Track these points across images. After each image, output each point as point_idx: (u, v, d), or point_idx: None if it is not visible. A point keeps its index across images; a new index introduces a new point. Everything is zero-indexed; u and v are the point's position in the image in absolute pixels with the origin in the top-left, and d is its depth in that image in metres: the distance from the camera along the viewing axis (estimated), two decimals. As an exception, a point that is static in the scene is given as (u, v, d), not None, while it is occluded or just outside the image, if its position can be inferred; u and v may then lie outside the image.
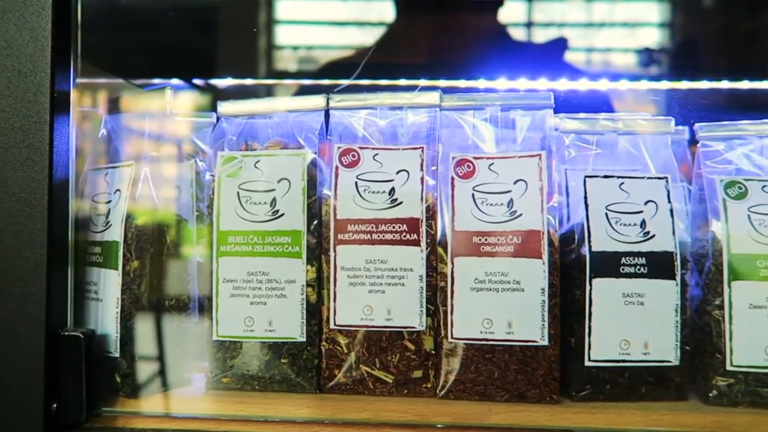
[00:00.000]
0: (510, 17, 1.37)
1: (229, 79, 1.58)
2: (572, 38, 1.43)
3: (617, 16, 1.41)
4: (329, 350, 0.96)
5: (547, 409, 0.92)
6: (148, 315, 0.95)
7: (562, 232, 1.00)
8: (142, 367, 0.95)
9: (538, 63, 1.28)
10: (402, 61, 1.33)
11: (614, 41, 1.41)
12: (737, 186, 0.96)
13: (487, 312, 0.93)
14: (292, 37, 1.60)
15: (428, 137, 1.00)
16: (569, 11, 1.42)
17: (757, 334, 0.91)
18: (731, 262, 0.93)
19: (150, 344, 0.96)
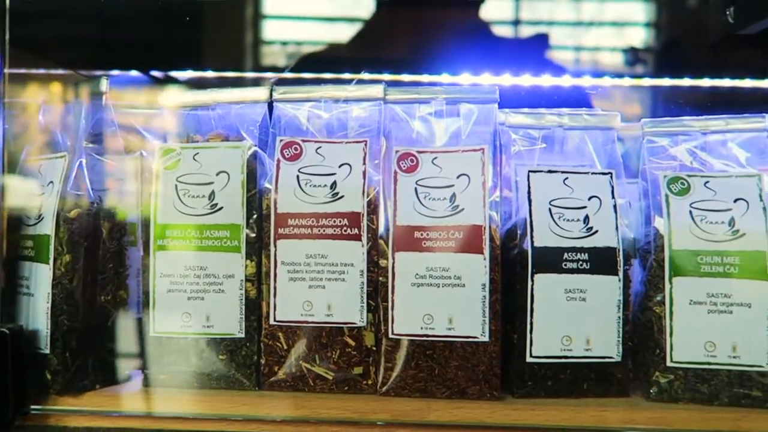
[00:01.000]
0: (460, 13, 1.36)
1: (189, 72, 1.55)
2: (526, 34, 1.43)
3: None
4: (269, 346, 0.94)
5: (488, 405, 0.91)
6: (81, 310, 0.92)
7: (507, 227, 1.00)
8: (75, 363, 0.93)
9: (491, 58, 1.27)
10: (347, 54, 1.32)
11: (563, 39, 1.41)
12: (680, 182, 0.96)
13: (427, 307, 0.92)
14: (253, 30, 1.58)
15: (372, 131, 0.99)
16: (522, 7, 1.41)
17: (697, 331, 0.91)
18: (672, 257, 0.93)
19: (83, 340, 0.93)
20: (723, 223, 0.93)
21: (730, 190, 0.94)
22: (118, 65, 1.52)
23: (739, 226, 0.93)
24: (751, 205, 0.93)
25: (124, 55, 1.54)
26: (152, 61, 1.50)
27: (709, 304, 0.91)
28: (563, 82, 1.21)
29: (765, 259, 0.91)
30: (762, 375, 0.90)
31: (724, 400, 0.91)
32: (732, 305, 0.91)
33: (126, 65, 1.53)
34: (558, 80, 1.21)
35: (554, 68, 1.28)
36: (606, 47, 1.41)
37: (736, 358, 0.90)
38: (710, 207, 0.94)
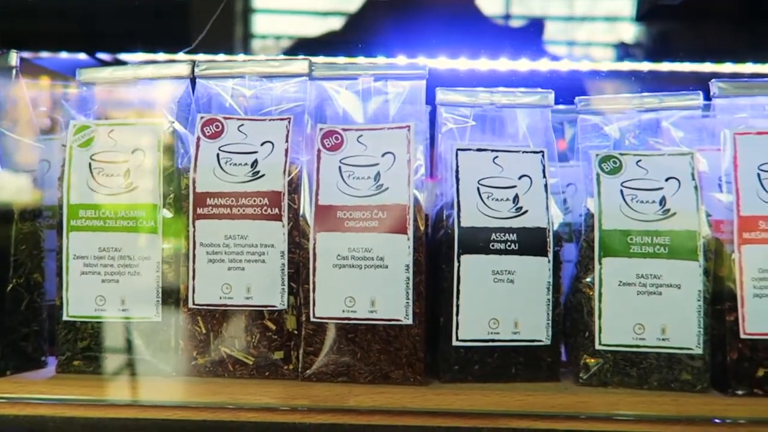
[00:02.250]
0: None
1: (139, 54, 1.51)
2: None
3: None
4: (187, 331, 0.91)
5: (411, 390, 0.88)
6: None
7: (437, 207, 0.97)
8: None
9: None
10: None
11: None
12: (612, 160, 0.93)
13: (349, 290, 0.89)
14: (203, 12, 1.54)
15: (297, 108, 0.95)
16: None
17: (625, 312, 0.89)
18: (602, 238, 0.90)
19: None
20: (654, 203, 0.91)
21: (662, 168, 0.92)
22: (59, 47, 1.49)
23: (670, 205, 0.90)
24: (682, 184, 0.91)
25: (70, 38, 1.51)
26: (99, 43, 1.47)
27: (638, 285, 0.89)
28: (500, 65, 1.18)
29: (696, 238, 0.88)
30: (692, 358, 0.88)
31: (653, 384, 0.89)
32: (662, 286, 0.88)
33: (70, 47, 1.50)
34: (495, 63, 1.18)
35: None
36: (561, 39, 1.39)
37: (665, 340, 0.88)
38: (641, 186, 0.92)
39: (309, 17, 1.35)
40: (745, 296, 0.87)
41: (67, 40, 1.52)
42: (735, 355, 0.87)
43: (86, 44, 1.52)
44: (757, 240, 0.87)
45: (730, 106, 0.92)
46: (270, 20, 1.61)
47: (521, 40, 1.36)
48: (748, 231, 0.88)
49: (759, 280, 0.87)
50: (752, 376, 0.87)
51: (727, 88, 0.92)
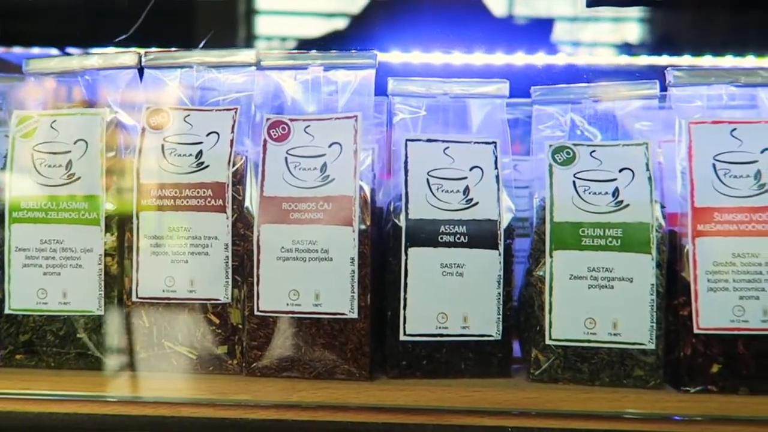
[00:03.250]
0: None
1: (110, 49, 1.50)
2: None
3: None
4: (131, 324, 0.90)
5: (355, 386, 0.86)
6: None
7: (388, 199, 0.95)
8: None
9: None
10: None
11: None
12: (565, 151, 0.91)
13: (293, 283, 0.86)
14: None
15: (244, 98, 0.93)
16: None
17: (577, 307, 0.86)
18: (553, 230, 0.88)
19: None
20: (607, 194, 0.88)
21: (616, 159, 0.89)
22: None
23: (623, 196, 0.88)
24: (636, 175, 0.88)
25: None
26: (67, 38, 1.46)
27: (589, 279, 0.86)
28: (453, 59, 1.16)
29: (648, 230, 0.86)
30: (644, 353, 0.85)
31: (605, 380, 0.86)
32: (613, 280, 0.86)
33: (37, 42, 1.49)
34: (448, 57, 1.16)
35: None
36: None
37: (616, 335, 0.86)
38: (594, 177, 0.89)
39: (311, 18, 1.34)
40: (699, 290, 0.84)
41: (42, 37, 1.52)
42: (688, 351, 0.85)
43: (58, 40, 1.52)
44: (711, 232, 0.85)
45: (687, 95, 0.90)
46: (273, 21, 1.60)
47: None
48: (702, 223, 0.85)
49: (713, 273, 0.84)
50: (706, 372, 0.84)
51: (683, 76, 0.90)
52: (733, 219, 0.85)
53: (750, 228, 0.85)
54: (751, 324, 0.83)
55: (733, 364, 0.84)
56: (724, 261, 0.84)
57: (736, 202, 0.85)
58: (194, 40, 1.35)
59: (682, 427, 0.83)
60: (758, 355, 0.84)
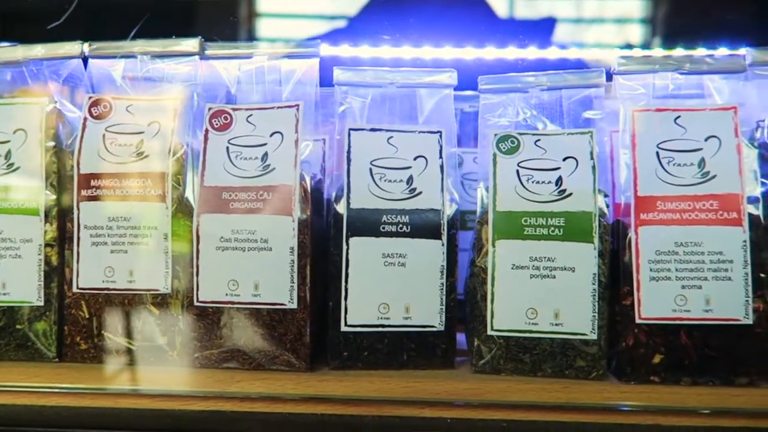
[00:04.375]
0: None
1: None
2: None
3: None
4: (72, 315, 0.89)
5: (294, 376, 0.85)
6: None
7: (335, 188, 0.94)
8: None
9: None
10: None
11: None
12: (510, 140, 0.90)
13: (232, 273, 0.86)
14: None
15: (187, 87, 0.92)
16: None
17: (518, 297, 0.85)
18: (496, 220, 0.87)
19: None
20: (550, 183, 0.87)
21: (560, 148, 0.88)
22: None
23: (566, 185, 0.87)
24: (580, 164, 0.87)
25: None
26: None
27: (531, 269, 0.85)
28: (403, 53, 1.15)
29: (591, 220, 0.85)
30: (586, 344, 0.84)
31: (547, 370, 0.85)
32: (555, 269, 0.85)
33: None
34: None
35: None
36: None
37: (558, 325, 0.85)
38: (538, 166, 0.88)
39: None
40: (641, 280, 0.83)
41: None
42: (631, 341, 0.84)
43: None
44: (654, 221, 0.84)
45: (631, 83, 0.88)
46: (273, 23, 1.59)
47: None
48: (645, 212, 0.84)
49: (656, 262, 0.83)
50: (648, 362, 0.83)
51: (628, 64, 0.89)
52: (676, 207, 0.84)
53: (693, 217, 0.84)
54: (693, 313, 0.82)
55: (675, 354, 0.83)
56: (666, 250, 0.83)
57: (680, 190, 0.84)
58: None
59: (624, 417, 0.81)
60: (701, 345, 0.83)
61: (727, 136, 0.85)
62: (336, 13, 1.31)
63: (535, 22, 1.20)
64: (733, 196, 0.83)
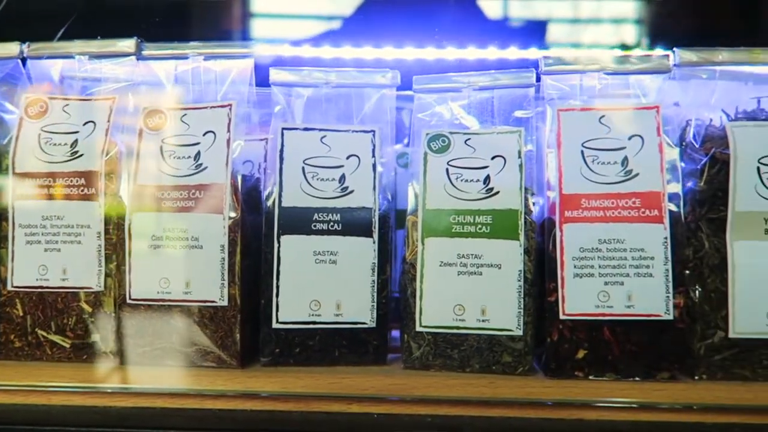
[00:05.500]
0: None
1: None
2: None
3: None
4: (6, 313, 0.89)
5: (225, 373, 0.86)
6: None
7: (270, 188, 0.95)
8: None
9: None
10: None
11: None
12: (441, 139, 0.91)
13: (164, 271, 0.87)
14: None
15: (123, 87, 0.94)
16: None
17: (446, 294, 0.86)
18: (425, 218, 0.88)
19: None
20: (478, 181, 0.88)
21: (489, 146, 0.90)
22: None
23: (494, 183, 0.88)
24: (508, 162, 0.89)
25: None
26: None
27: (459, 266, 0.86)
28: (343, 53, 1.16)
29: (517, 217, 0.86)
30: (512, 340, 0.86)
31: (475, 366, 0.87)
32: (482, 266, 0.86)
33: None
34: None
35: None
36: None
37: (485, 321, 0.86)
38: (467, 165, 0.89)
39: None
40: (566, 276, 0.84)
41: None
42: (555, 337, 0.85)
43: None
44: (578, 218, 0.85)
45: (558, 83, 0.90)
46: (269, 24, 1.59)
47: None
48: (570, 209, 0.85)
49: (580, 259, 0.84)
50: (572, 357, 0.84)
51: (554, 63, 0.90)
52: (600, 205, 0.85)
53: (616, 214, 0.85)
54: (615, 309, 0.84)
55: (598, 349, 0.84)
56: (590, 247, 0.84)
57: (603, 188, 0.86)
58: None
59: (548, 412, 0.82)
60: (623, 340, 0.84)
61: (649, 134, 0.86)
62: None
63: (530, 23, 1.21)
64: (655, 193, 0.85)
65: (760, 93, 0.93)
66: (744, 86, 0.94)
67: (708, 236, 0.85)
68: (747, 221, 0.84)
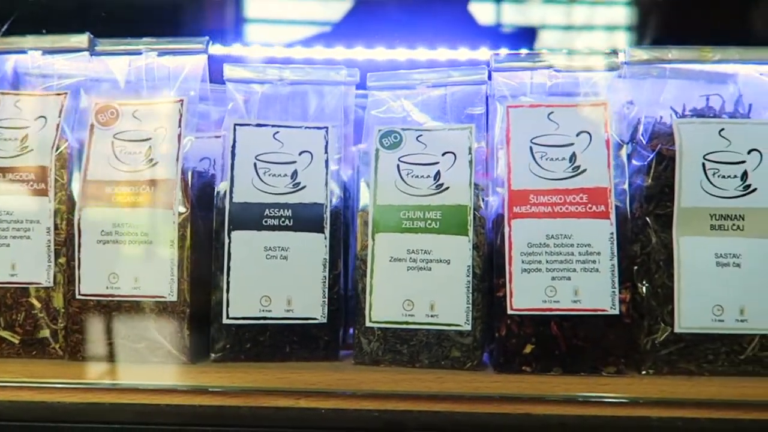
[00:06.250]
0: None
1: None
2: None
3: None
4: (-44, 310, 0.90)
5: (174, 369, 0.86)
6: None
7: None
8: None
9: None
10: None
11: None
12: (393, 135, 0.92)
13: (113, 266, 0.87)
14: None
15: (75, 83, 0.94)
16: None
17: (396, 289, 0.87)
18: (376, 213, 0.89)
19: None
20: (429, 177, 0.89)
21: (441, 143, 0.90)
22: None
23: (444, 179, 0.89)
24: (458, 158, 0.89)
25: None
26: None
27: (408, 261, 0.87)
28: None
29: (466, 213, 0.87)
30: (461, 335, 0.86)
31: (424, 361, 0.87)
32: (431, 262, 0.86)
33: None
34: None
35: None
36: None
37: (434, 317, 0.86)
38: (418, 161, 0.90)
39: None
40: (513, 271, 0.85)
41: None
42: (503, 332, 0.85)
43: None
44: (527, 214, 0.86)
45: (508, 79, 0.91)
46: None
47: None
48: (518, 205, 0.86)
49: (527, 254, 0.85)
50: (520, 352, 0.85)
51: (505, 60, 0.91)
52: (548, 201, 0.86)
53: (564, 210, 0.85)
54: (562, 304, 0.84)
55: (546, 344, 0.84)
56: (538, 242, 0.85)
57: (551, 184, 0.86)
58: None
59: (495, 406, 0.82)
60: (570, 335, 0.84)
61: (597, 131, 0.87)
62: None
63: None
64: (602, 189, 0.85)
65: (710, 91, 0.95)
66: (695, 84, 0.95)
67: (656, 232, 0.86)
68: (692, 217, 0.85)
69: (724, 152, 0.86)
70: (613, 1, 1.33)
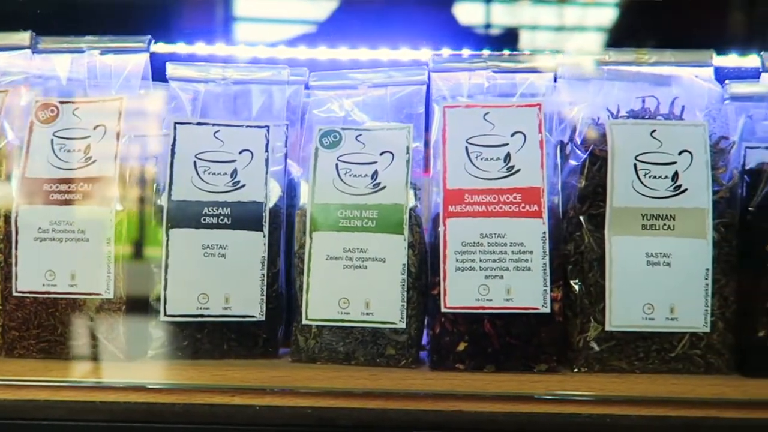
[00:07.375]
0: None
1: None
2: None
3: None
4: None
5: (110, 366, 0.86)
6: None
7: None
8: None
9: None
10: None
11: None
12: (332, 135, 0.92)
13: (50, 263, 0.87)
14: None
15: (17, 81, 0.94)
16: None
17: (332, 287, 0.87)
18: (313, 212, 0.89)
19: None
20: (366, 176, 0.90)
21: (378, 143, 0.91)
22: None
23: (381, 179, 0.89)
24: (396, 158, 0.90)
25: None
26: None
27: (345, 259, 0.87)
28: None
29: (402, 212, 0.87)
30: (396, 332, 0.87)
31: (360, 359, 0.88)
32: (367, 260, 0.87)
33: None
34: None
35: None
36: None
37: (369, 314, 0.87)
38: (357, 160, 0.91)
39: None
40: (448, 270, 0.86)
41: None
42: (437, 330, 0.86)
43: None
44: (461, 213, 0.86)
45: (447, 80, 0.92)
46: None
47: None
48: (453, 204, 0.87)
49: (461, 253, 0.86)
50: (453, 350, 0.86)
51: (444, 61, 0.92)
52: (483, 200, 0.87)
53: (498, 209, 0.86)
54: (495, 303, 0.85)
55: (479, 342, 0.85)
56: (472, 241, 0.86)
57: (486, 184, 0.87)
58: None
59: (428, 404, 0.83)
60: (503, 333, 0.85)
61: (531, 131, 0.88)
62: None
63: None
64: (535, 189, 0.86)
65: (652, 93, 0.96)
66: (637, 86, 0.97)
67: (589, 231, 0.87)
68: (624, 217, 0.86)
69: (656, 153, 0.87)
70: (562, 2, 1.35)
